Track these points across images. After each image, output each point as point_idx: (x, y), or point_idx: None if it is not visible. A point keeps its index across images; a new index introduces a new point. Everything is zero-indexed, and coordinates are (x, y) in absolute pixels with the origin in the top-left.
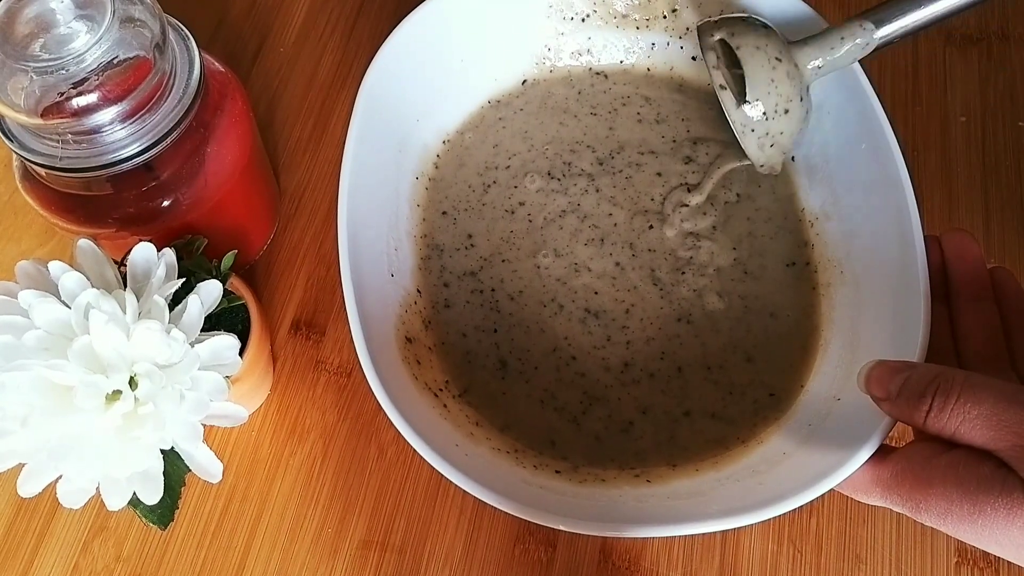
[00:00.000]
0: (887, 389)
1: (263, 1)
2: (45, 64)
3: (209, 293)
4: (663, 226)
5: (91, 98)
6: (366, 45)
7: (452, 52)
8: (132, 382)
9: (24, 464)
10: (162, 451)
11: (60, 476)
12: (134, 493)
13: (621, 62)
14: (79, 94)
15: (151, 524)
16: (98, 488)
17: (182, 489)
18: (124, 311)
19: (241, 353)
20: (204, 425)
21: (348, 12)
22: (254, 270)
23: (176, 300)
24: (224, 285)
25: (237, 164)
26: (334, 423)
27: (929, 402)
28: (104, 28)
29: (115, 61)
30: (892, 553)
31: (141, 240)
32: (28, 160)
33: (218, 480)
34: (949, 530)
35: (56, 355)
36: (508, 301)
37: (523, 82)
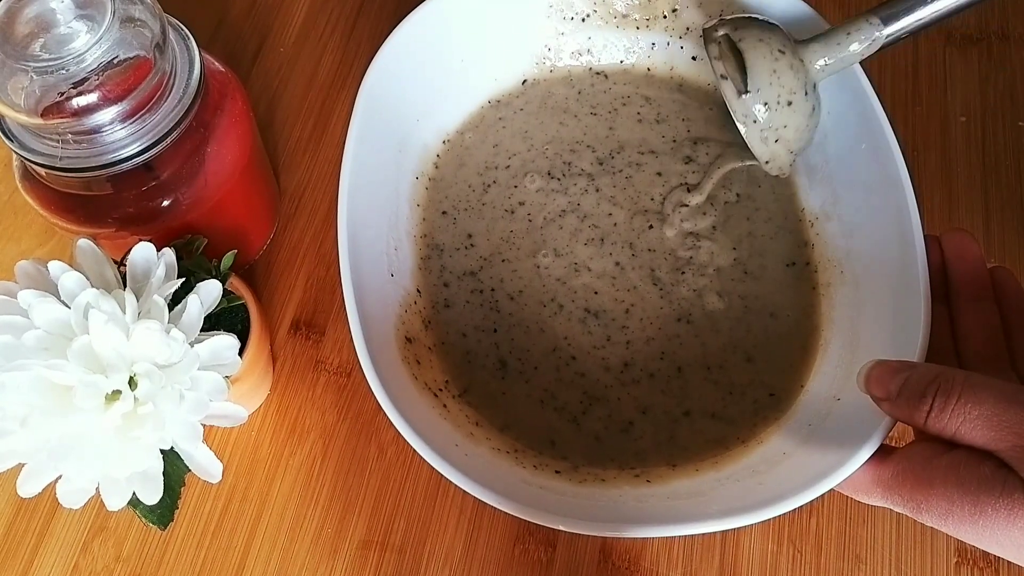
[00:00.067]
0: (887, 389)
1: (263, 1)
2: (45, 64)
3: (209, 293)
4: (663, 226)
5: (91, 98)
6: (366, 45)
7: (452, 52)
8: (132, 382)
9: (24, 464)
10: (162, 451)
11: (60, 476)
12: (134, 493)
13: (621, 62)
14: (79, 94)
15: (151, 524)
16: (98, 488)
17: (182, 489)
18: (124, 311)
19: (241, 353)
20: (204, 425)
21: (348, 12)
22: (254, 270)
23: (176, 300)
24: (224, 285)
25: (237, 164)
26: (334, 423)
27: (930, 403)
28: (104, 28)
29: (115, 61)
30: (892, 553)
31: (141, 240)
32: (28, 160)
33: (218, 480)
34: (950, 531)
35: (56, 355)
36: (508, 301)
37: (523, 82)
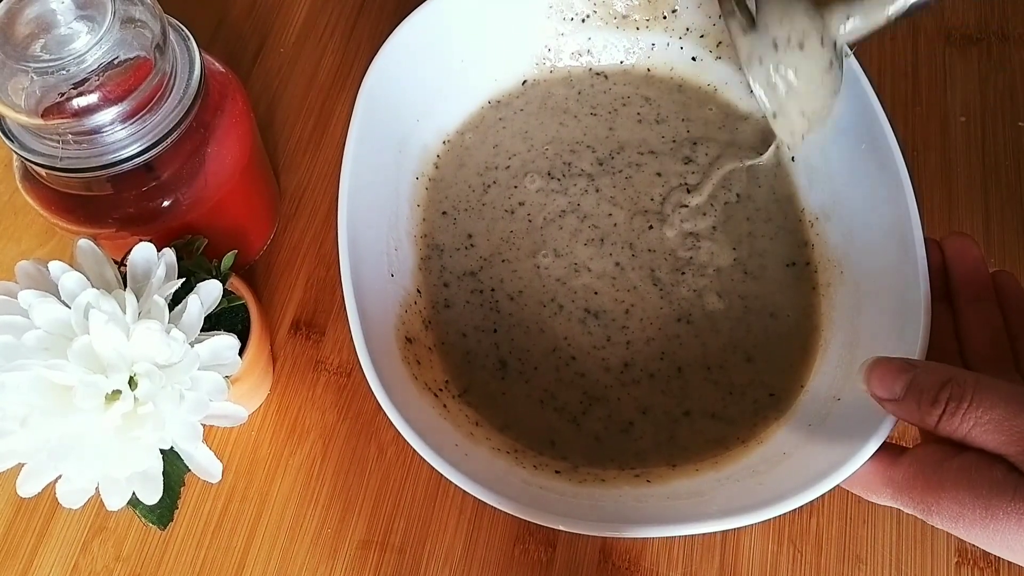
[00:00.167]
0: (891, 389)
1: (263, 1)
2: (46, 64)
3: (209, 293)
4: (663, 226)
5: (92, 98)
6: (366, 45)
7: (452, 52)
8: (132, 382)
9: (24, 464)
10: (162, 451)
11: (60, 476)
12: (134, 493)
13: (621, 62)
14: (79, 94)
15: (150, 524)
16: (97, 488)
17: (181, 489)
18: (124, 311)
19: (241, 353)
20: (204, 425)
21: (348, 12)
22: (254, 270)
23: (176, 300)
24: (224, 285)
25: (237, 164)
26: (334, 423)
27: (943, 407)
28: (104, 29)
29: (115, 61)
30: (892, 553)
31: (141, 240)
32: (28, 160)
33: (218, 480)
34: (961, 534)
35: (56, 355)
36: (508, 301)
37: (523, 82)
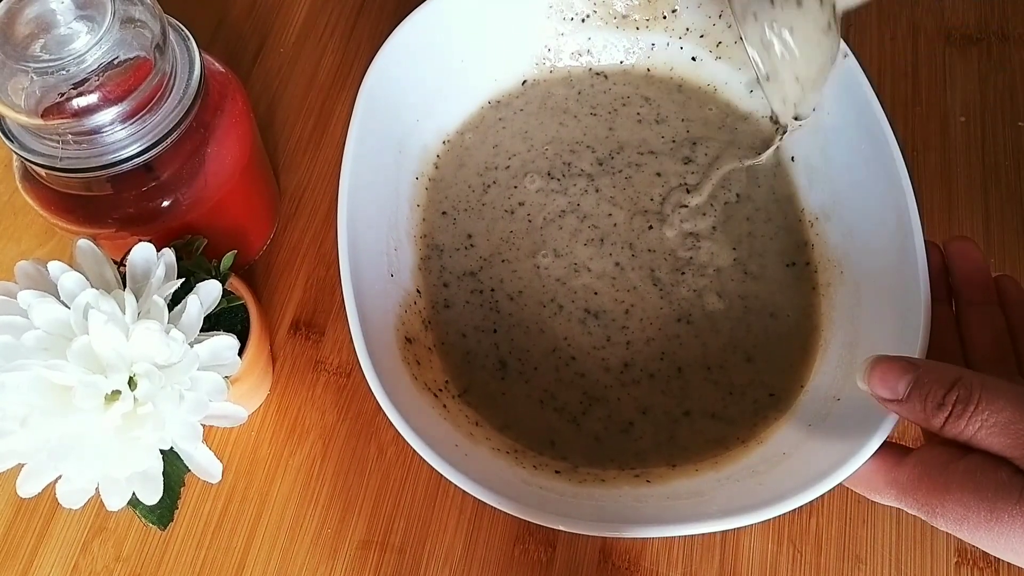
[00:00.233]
0: (893, 389)
1: (263, 1)
2: (45, 65)
3: (208, 293)
4: (663, 226)
5: (91, 99)
6: (366, 45)
7: (452, 52)
8: (131, 382)
9: (24, 464)
10: (161, 451)
11: (60, 476)
12: (133, 493)
13: (621, 62)
14: (79, 95)
15: (150, 524)
16: (97, 488)
17: (181, 489)
18: (123, 311)
19: (240, 353)
20: (204, 425)
21: (348, 12)
22: (254, 270)
23: (176, 300)
24: (223, 285)
25: (237, 164)
26: (334, 423)
27: (949, 409)
28: (104, 29)
29: (115, 62)
30: (892, 553)
31: (141, 240)
32: (28, 160)
33: (217, 480)
34: (965, 536)
35: (55, 355)
36: (508, 301)
37: (523, 82)
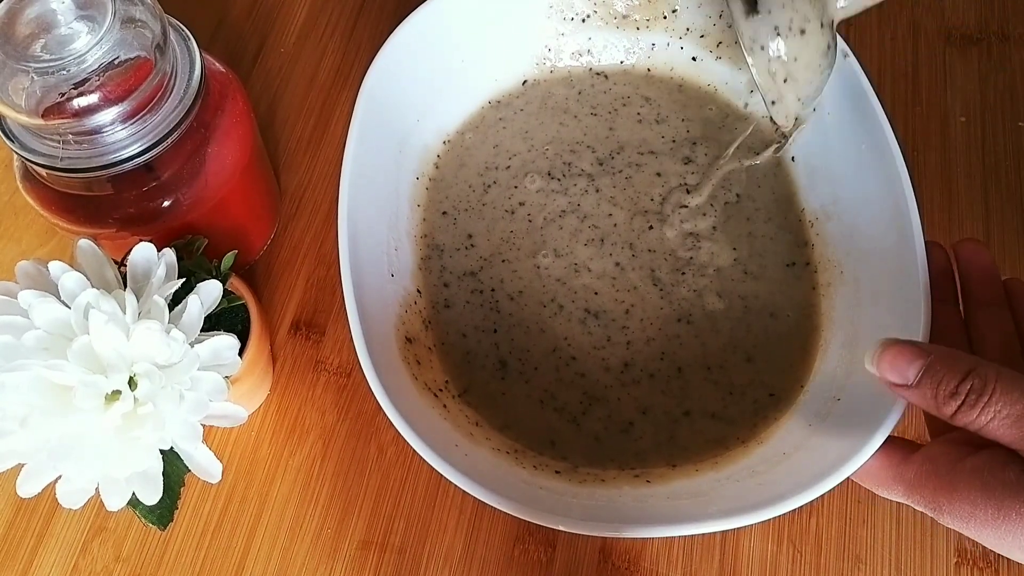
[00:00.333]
0: (904, 374)
1: (263, 1)
2: (46, 65)
3: (209, 293)
4: (663, 226)
5: (92, 99)
6: (366, 45)
7: (452, 52)
8: (132, 382)
9: (24, 464)
10: (161, 451)
11: (60, 476)
12: (133, 493)
13: (621, 62)
14: (80, 95)
15: (150, 524)
16: (97, 488)
17: (181, 489)
18: (124, 311)
19: (241, 353)
20: (204, 425)
21: (348, 12)
22: (254, 270)
23: (176, 300)
24: (224, 285)
25: (238, 164)
26: (334, 423)
27: (962, 398)
28: (105, 29)
29: (116, 62)
30: (892, 553)
31: (141, 240)
32: (29, 160)
33: (217, 480)
34: (971, 534)
35: (56, 355)
36: (508, 301)
37: (523, 82)
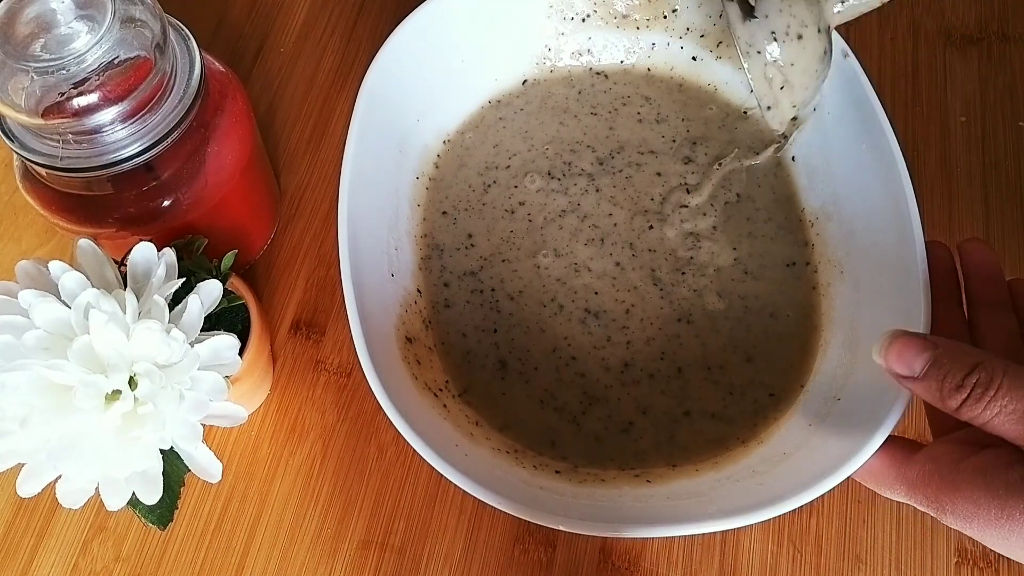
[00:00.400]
0: (911, 366)
1: (263, 1)
2: (46, 64)
3: (209, 293)
4: (663, 226)
5: (92, 98)
6: (366, 45)
7: (452, 52)
8: (132, 382)
9: (24, 464)
10: (161, 451)
11: (59, 476)
12: (133, 493)
13: (621, 62)
14: (80, 94)
15: (150, 524)
16: (97, 488)
17: (181, 489)
18: (124, 311)
19: (241, 353)
20: (204, 425)
21: (348, 12)
22: (254, 270)
23: (176, 300)
24: (224, 285)
25: (238, 164)
26: (334, 423)
27: (968, 392)
28: (105, 28)
29: (116, 61)
30: (892, 553)
31: (141, 240)
32: (29, 160)
33: (217, 480)
34: (974, 534)
35: (56, 355)
36: (508, 301)
37: (523, 82)
